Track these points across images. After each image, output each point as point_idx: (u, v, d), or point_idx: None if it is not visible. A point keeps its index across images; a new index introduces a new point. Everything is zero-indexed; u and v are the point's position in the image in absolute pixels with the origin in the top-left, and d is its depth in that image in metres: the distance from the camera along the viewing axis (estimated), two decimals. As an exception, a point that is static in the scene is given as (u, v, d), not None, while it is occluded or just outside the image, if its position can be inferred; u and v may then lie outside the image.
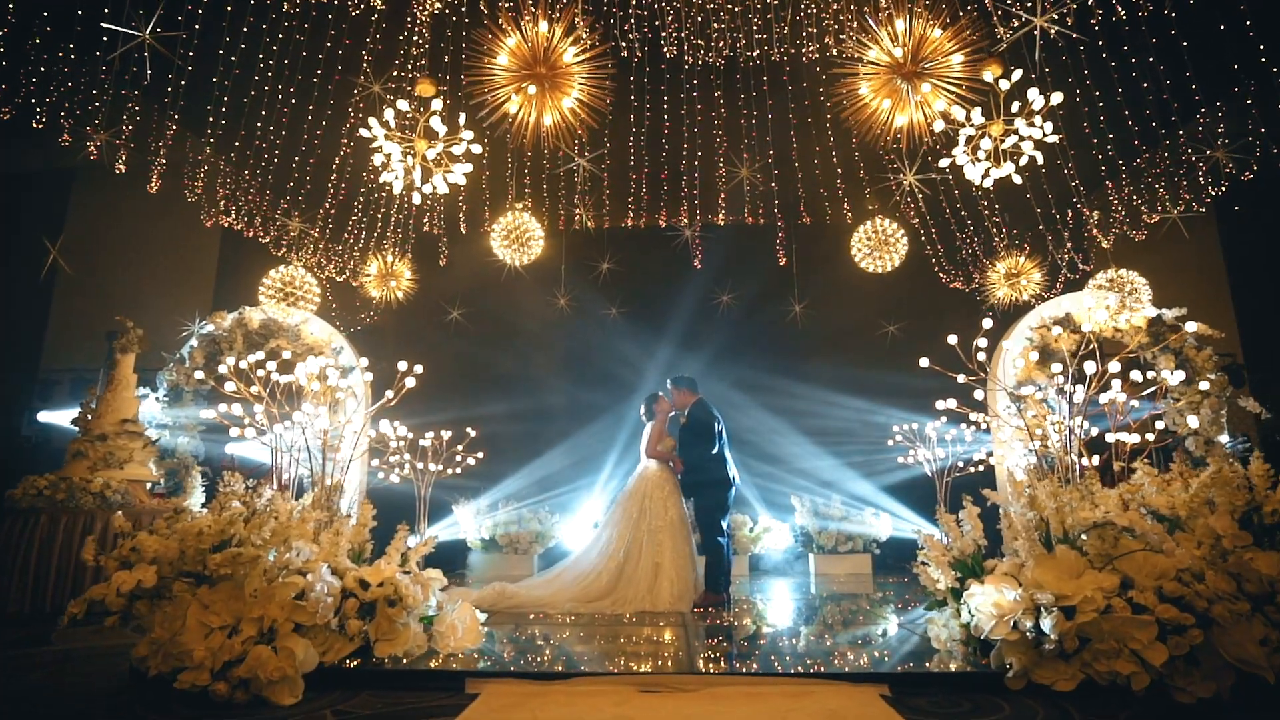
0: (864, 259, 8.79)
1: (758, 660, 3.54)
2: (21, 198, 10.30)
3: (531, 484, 9.05)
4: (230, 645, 2.96)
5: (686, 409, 5.84)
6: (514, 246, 8.58)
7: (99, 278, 10.24)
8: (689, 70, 6.04)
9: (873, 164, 7.33)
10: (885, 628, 4.55)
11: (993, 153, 5.01)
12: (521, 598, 5.34)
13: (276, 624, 3.04)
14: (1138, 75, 5.72)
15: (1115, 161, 6.18)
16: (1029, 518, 3.21)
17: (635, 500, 5.70)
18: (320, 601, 3.10)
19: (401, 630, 3.33)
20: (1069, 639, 2.88)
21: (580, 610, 5.07)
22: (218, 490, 3.81)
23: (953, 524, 3.61)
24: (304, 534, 3.54)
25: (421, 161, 5.18)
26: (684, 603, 5.19)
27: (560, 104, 4.29)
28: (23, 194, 10.35)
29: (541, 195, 7.34)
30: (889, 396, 8.90)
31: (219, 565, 3.10)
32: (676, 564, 5.36)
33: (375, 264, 7.81)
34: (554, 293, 9.48)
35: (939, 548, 3.68)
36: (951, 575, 3.41)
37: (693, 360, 9.19)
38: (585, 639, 4.13)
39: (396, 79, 5.81)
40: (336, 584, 3.28)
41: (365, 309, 9.23)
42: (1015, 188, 6.98)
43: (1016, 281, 7.02)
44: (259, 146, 6.39)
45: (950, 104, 4.34)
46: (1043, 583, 3.09)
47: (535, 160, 6.82)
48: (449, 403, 8.91)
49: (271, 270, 8.33)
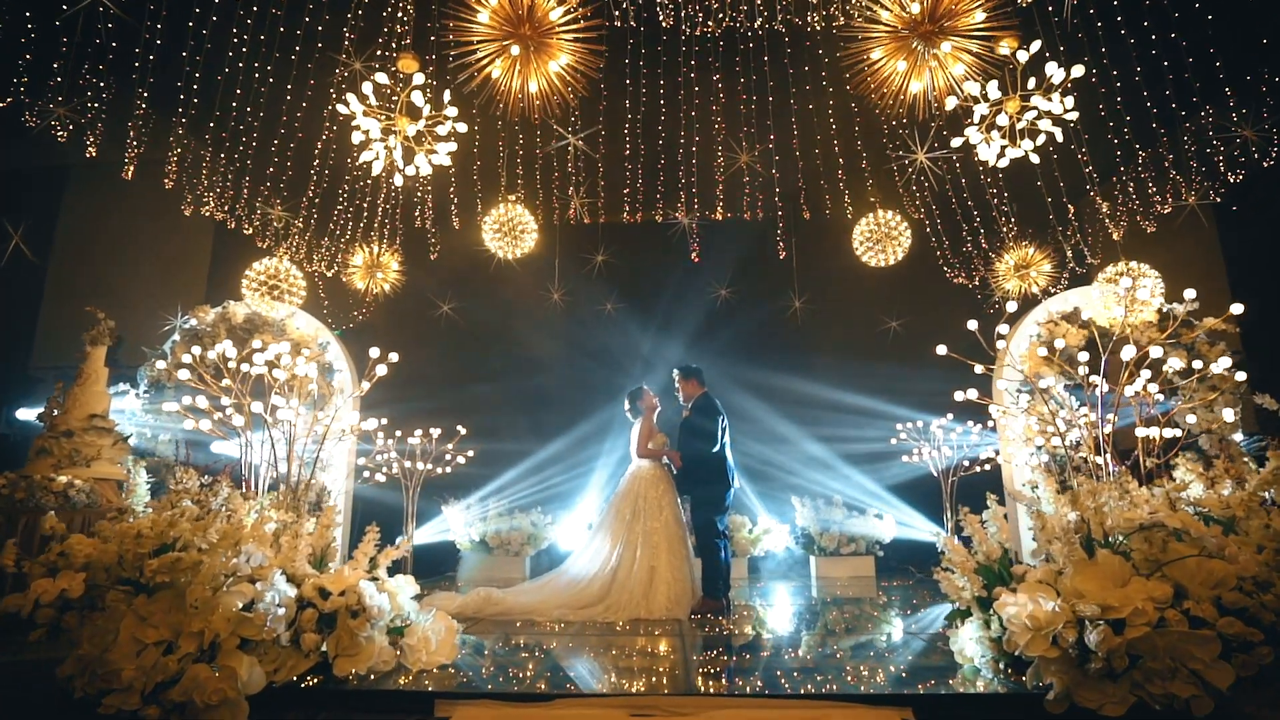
0: (866, 252, 8.42)
1: (762, 677, 3.15)
2: (11, 195, 9.96)
3: (524, 484, 8.65)
4: (165, 664, 2.56)
5: (691, 401, 5.44)
6: (506, 239, 8.20)
7: (92, 274, 9.89)
8: (686, 50, 5.67)
9: (878, 151, 6.96)
10: (898, 637, 4.16)
11: (1008, 130, 4.64)
12: (508, 604, 4.95)
13: (220, 639, 2.64)
14: (1157, 52, 5.36)
15: (1131, 145, 5.81)
16: (1070, 519, 2.82)
17: (628, 501, 5.31)
18: (269, 613, 2.70)
19: (365, 644, 2.93)
20: (1118, 657, 2.49)
21: (570, 618, 4.68)
22: (167, 488, 3.42)
23: (977, 526, 3.22)
24: (260, 537, 3.14)
25: (403, 140, 4.79)
26: (680, 609, 4.79)
27: (546, 68, 3.90)
28: (13, 192, 10.02)
29: (534, 180, 6.93)
30: (892, 394, 8.52)
31: (156, 572, 2.70)
32: (672, 568, 4.97)
33: (361, 255, 7.40)
34: (548, 287, 9.08)
35: (962, 552, 3.29)
36: (978, 582, 3.02)
37: (690, 356, 8.79)
38: (573, 651, 3.73)
39: (380, 56, 5.42)
40: (291, 593, 2.88)
41: (357, 306, 8.84)
42: (1025, 175, 6.63)
43: (1026, 273, 6.65)
44: (235, 128, 5.99)
45: (969, 70, 3.95)
46: (1084, 592, 2.71)
47: (527, 141, 6.41)
48: (438, 400, 8.52)
49: (255, 263, 7.93)
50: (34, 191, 10.23)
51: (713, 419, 5.27)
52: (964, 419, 7.56)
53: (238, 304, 8.53)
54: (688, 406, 5.45)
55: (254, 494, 4.15)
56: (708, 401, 5.39)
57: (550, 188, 7.09)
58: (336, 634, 2.90)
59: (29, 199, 10.15)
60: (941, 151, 5.85)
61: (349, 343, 8.26)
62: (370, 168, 4.84)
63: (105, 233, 10.19)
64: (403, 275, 7.78)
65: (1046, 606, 2.70)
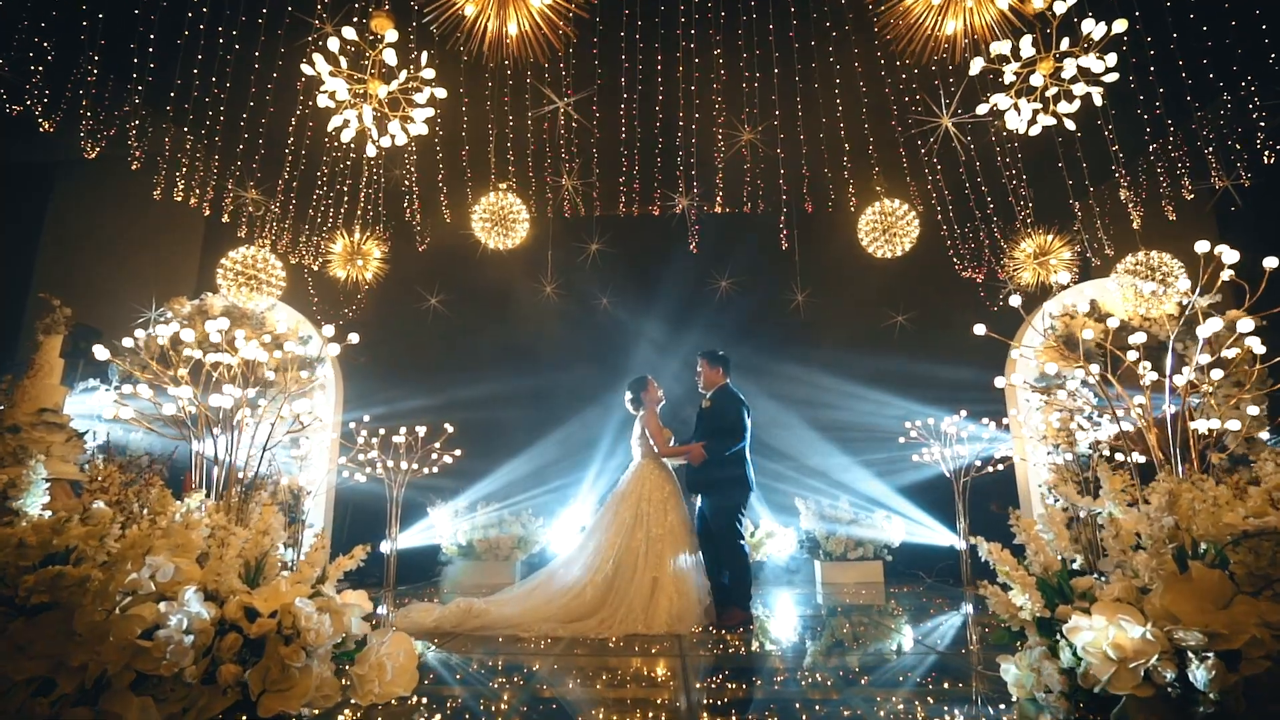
0: (872, 243, 7.89)
1: (779, 714, 2.58)
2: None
3: (514, 483, 8.07)
4: (32, 708, 1.99)
5: (711, 390, 4.85)
6: (497, 229, 7.65)
7: (80, 270, 9.33)
8: (685, 16, 5.14)
9: (889, 133, 6.43)
10: (930, 659, 3.60)
11: (1040, 94, 4.11)
12: (490, 617, 4.36)
13: (108, 675, 2.07)
14: (1196, 16, 4.84)
15: (1164, 120, 5.28)
16: (1165, 524, 2.27)
17: (629, 503, 4.70)
18: (171, 640, 2.14)
19: (299, 676, 2.35)
20: (1236, 699, 1.94)
21: (560, 633, 4.10)
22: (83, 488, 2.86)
23: (1034, 532, 2.67)
24: (185, 545, 2.58)
25: (376, 105, 4.25)
26: (683, 625, 4.22)
27: (528, 5, 3.36)
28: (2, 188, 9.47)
29: (524, 158, 6.35)
30: (898, 391, 7.99)
31: (33, 589, 2.13)
32: (677, 579, 4.39)
33: (341, 242, 6.81)
34: (540, 278, 8.51)
35: (1012, 562, 2.73)
36: (1039, 600, 2.47)
37: (688, 351, 8.24)
38: (558, 675, 3.16)
39: (354, 17, 4.86)
40: (206, 615, 2.31)
41: (349, 301, 8.28)
42: (1046, 156, 6.11)
43: (1045, 261, 6.12)
44: (201, 100, 5.43)
45: (999, 24, 3.42)
46: (1178, 614, 2.15)
47: (516, 111, 5.82)
48: (425, 396, 7.96)
49: (231, 252, 7.36)
50: (19, 188, 9.68)
51: (739, 411, 4.69)
52: (978, 416, 7.02)
53: (216, 296, 7.98)
54: (708, 396, 4.86)
55: (197, 492, 3.59)
56: (731, 393, 4.82)
57: (542, 166, 6.52)
58: (264, 664, 2.33)
59: (15, 196, 9.59)
60: (968, 116, 5.29)
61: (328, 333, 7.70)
62: (345, 140, 4.30)
63: (94, 230, 9.63)
64: (386, 265, 7.20)
65: (1134, 633, 2.14)
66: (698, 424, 4.86)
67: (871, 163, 7.13)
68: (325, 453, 7.58)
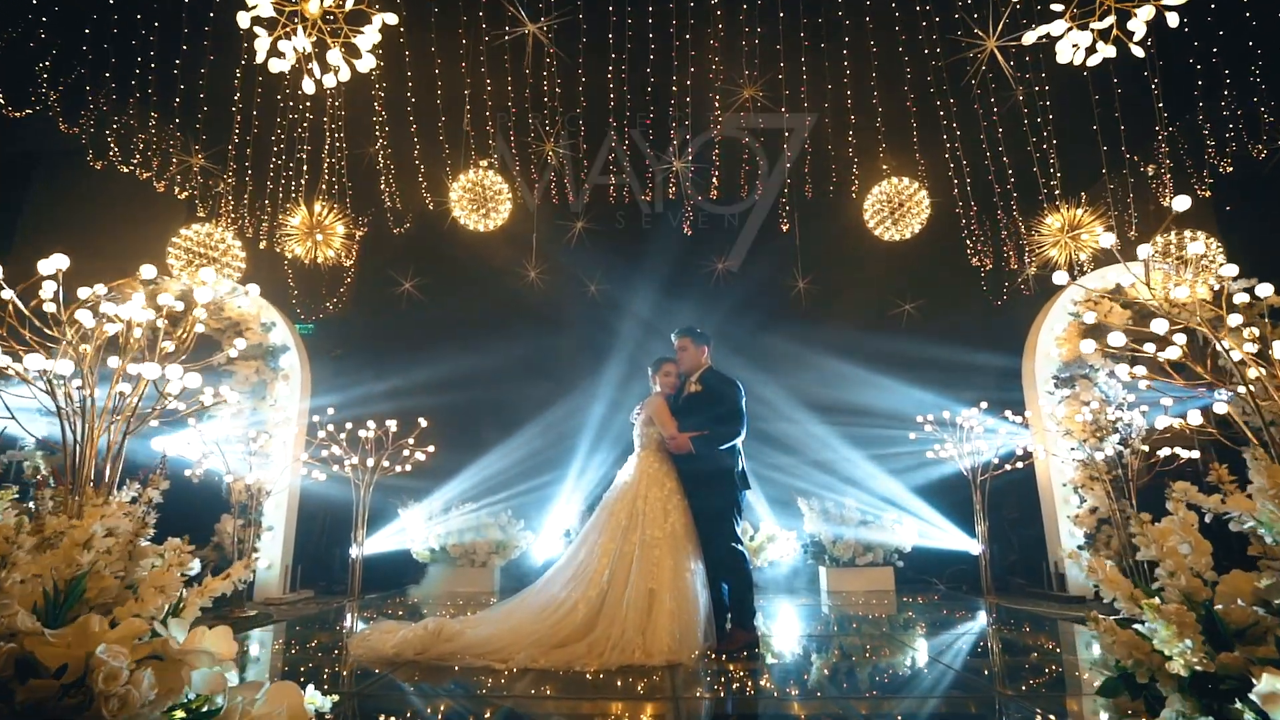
0: (879, 225, 7.10)
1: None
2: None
3: (493, 482, 7.20)
4: None
5: (697, 375, 4.01)
6: (477, 209, 6.83)
7: None
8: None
9: (899, 101, 5.65)
10: (973, 698, 2.76)
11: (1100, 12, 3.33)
12: (464, 640, 3.43)
13: None
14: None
15: (1221, 72, 4.50)
16: None
17: (624, 503, 3.79)
18: None
19: (96, 767, 1.50)
20: None
21: (541, 663, 3.18)
22: None
23: (1173, 545, 1.84)
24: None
25: (309, 28, 3.43)
26: (685, 649, 3.32)
27: None
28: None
29: (505, 113, 5.49)
30: (906, 384, 7.19)
31: None
32: (678, 592, 3.50)
33: (299, 215, 5.94)
34: (523, 262, 7.66)
35: (1126, 585, 1.91)
36: (1200, 646, 1.64)
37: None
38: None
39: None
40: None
41: (331, 294, 7.45)
42: (1081, 115, 5.33)
43: (1077, 236, 5.34)
44: (130, 45, 4.58)
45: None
46: None
47: (493, 68, 5.00)
48: (396, 388, 7.09)
49: (182, 229, 6.50)
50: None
51: (735, 397, 3.85)
52: (996, 410, 6.22)
53: (171, 280, 7.12)
54: (693, 381, 4.00)
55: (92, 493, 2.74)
56: (724, 374, 3.97)
57: (525, 128, 5.67)
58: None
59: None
60: (1012, 41, 4.41)
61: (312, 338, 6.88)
62: (275, 71, 3.48)
63: (72, 221, 8.76)
64: (351, 243, 6.35)
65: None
66: (685, 412, 3.96)
67: (879, 137, 6.36)
68: (286, 448, 6.70)
